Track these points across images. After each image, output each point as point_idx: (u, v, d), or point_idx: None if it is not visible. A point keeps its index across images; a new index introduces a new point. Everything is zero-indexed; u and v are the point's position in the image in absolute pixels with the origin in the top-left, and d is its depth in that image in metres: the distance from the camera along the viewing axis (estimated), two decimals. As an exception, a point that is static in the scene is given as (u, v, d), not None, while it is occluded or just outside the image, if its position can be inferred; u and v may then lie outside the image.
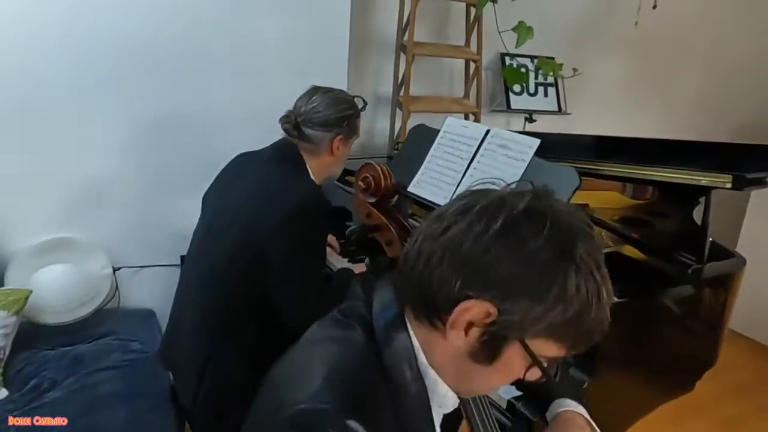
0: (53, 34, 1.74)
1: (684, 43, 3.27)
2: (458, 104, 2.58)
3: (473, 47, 2.52)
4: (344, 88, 2.18)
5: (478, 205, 0.58)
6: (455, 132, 1.69)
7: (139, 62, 1.85)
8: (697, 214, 1.35)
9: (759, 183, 1.20)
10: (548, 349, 0.60)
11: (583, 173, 1.34)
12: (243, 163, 1.61)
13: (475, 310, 0.57)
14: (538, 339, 0.59)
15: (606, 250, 1.23)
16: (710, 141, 1.69)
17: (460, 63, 2.62)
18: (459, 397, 0.70)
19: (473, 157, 1.61)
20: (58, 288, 1.85)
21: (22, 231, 1.84)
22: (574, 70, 2.51)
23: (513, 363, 0.61)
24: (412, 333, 0.64)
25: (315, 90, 1.52)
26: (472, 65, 2.55)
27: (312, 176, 1.51)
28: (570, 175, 1.34)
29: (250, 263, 1.36)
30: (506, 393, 1.11)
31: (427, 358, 0.64)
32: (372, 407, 0.59)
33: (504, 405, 1.09)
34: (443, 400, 0.67)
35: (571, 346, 0.61)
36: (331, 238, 1.86)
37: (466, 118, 2.63)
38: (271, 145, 1.57)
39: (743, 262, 1.38)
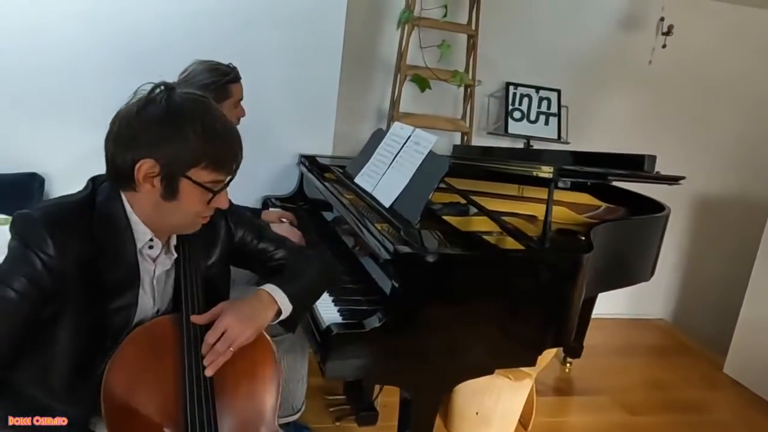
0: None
1: (704, 82, 3.30)
2: (451, 123, 2.89)
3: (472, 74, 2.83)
4: (334, 102, 2.60)
5: (123, 109, 0.95)
6: (394, 133, 2.03)
7: (144, 69, 2.00)
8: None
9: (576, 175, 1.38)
10: (206, 175, 0.94)
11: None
12: None
13: (144, 167, 0.92)
14: (195, 169, 0.92)
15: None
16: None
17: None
18: (178, 278, 1.02)
19: (398, 152, 1.93)
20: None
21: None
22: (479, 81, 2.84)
23: (192, 194, 0.94)
24: (123, 195, 0.98)
25: (194, 62, 1.83)
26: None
27: None
28: (443, 162, 1.64)
29: None
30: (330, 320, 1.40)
31: (133, 210, 0.98)
32: (71, 233, 0.92)
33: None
34: (143, 236, 1.00)
35: (220, 165, 0.94)
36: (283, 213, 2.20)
37: (462, 138, 2.93)
38: None
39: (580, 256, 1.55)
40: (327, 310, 1.46)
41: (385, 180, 1.90)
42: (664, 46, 3.04)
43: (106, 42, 2.25)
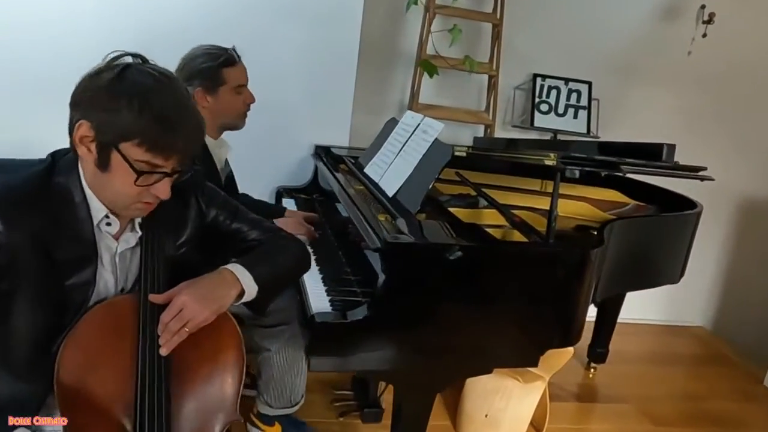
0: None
1: (748, 74, 3.11)
2: (473, 116, 2.81)
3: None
4: (351, 93, 2.56)
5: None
6: (405, 122, 1.98)
7: (160, 61, 2.28)
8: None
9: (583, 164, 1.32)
10: (139, 153, 0.90)
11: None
12: None
13: (81, 129, 0.91)
14: (128, 144, 0.90)
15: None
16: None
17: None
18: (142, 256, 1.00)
19: (406, 141, 1.89)
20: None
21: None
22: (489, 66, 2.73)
23: (121, 170, 0.92)
24: (80, 168, 0.97)
25: (192, 48, 1.78)
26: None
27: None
28: (446, 150, 1.59)
29: None
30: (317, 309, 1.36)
31: (86, 180, 0.97)
32: (22, 208, 0.91)
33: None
34: (98, 213, 0.98)
35: (156, 148, 0.90)
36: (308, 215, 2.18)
37: (485, 131, 2.85)
38: None
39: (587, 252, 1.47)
40: (318, 299, 1.43)
41: (392, 169, 1.86)
42: (704, 36, 2.87)
43: (121, 33, 2.27)
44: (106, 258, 1.02)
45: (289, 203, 2.39)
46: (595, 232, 1.61)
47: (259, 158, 2.52)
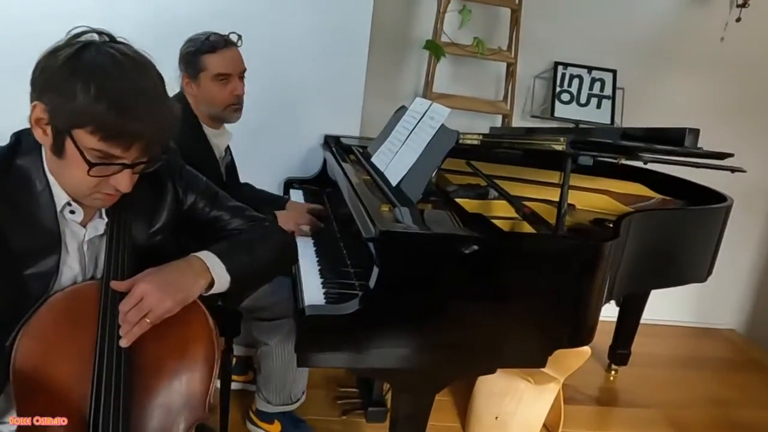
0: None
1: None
2: (490, 105, 2.71)
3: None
4: (362, 81, 2.49)
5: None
6: (413, 109, 1.91)
7: (172, 49, 1.93)
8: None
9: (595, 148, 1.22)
10: (93, 142, 0.83)
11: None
12: None
13: (35, 111, 0.85)
14: (81, 131, 0.83)
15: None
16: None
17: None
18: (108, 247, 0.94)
19: (413, 128, 1.81)
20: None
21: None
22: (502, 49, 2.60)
23: (74, 158, 0.85)
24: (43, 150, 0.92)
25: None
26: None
27: (199, 117, 1.72)
28: (451, 136, 1.50)
29: None
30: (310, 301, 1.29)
31: (47, 164, 0.92)
32: None
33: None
34: (60, 199, 0.93)
35: (111, 138, 0.83)
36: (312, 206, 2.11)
37: (502, 121, 2.75)
38: None
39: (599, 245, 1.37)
40: (312, 292, 1.37)
41: (397, 158, 1.78)
42: (738, 20, 2.72)
43: (131, 20, 2.24)
44: (73, 246, 0.97)
45: (296, 195, 2.34)
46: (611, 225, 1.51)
47: (267, 148, 2.48)
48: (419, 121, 1.80)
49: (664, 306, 3.03)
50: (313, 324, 1.19)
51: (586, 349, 2.02)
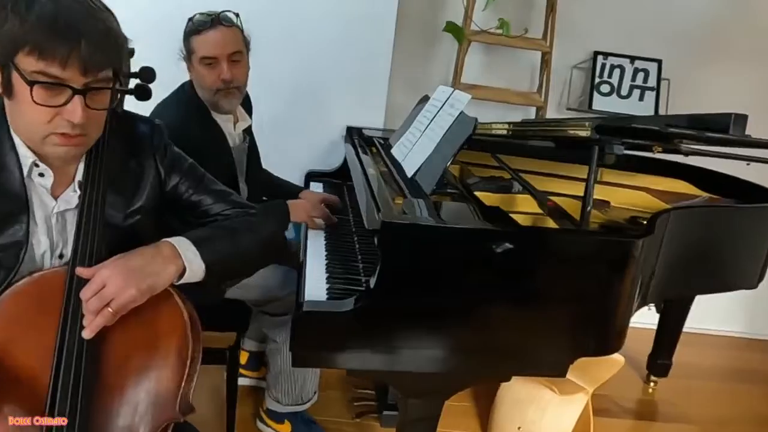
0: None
1: None
2: (522, 97, 2.58)
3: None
4: (387, 71, 2.40)
5: None
6: (435, 98, 1.81)
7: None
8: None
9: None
10: (32, 63, 0.79)
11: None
12: None
13: None
14: (21, 56, 0.79)
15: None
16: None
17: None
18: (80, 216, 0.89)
19: (433, 117, 1.71)
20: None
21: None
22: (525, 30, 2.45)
23: (22, 89, 0.81)
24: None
25: None
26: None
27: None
28: (470, 121, 1.41)
29: None
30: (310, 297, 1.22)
31: (10, 121, 0.87)
32: None
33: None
34: (26, 159, 0.88)
35: (44, 52, 0.79)
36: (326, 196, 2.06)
37: (536, 114, 2.61)
38: None
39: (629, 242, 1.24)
40: (315, 286, 1.30)
41: (416, 148, 1.69)
42: (799, 4, 2.50)
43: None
44: (40, 216, 0.91)
45: (316, 188, 2.27)
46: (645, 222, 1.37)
47: (288, 140, 2.42)
48: (440, 110, 1.71)
49: (711, 314, 2.83)
50: (308, 321, 1.11)
51: (619, 358, 1.89)
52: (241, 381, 2.04)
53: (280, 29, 2.25)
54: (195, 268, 0.91)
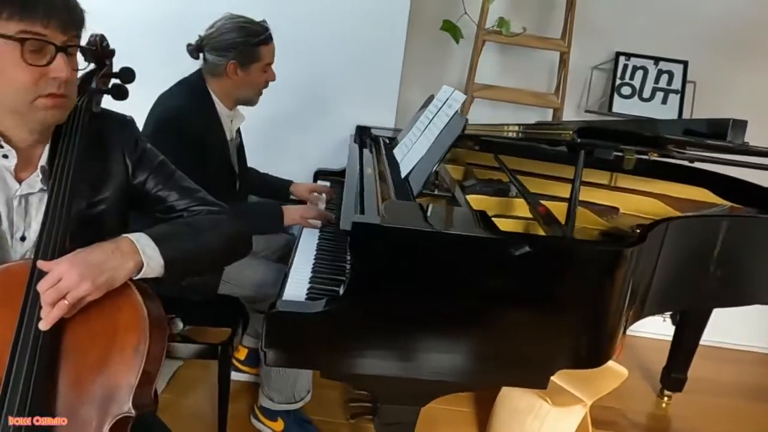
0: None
1: None
2: (538, 98, 2.52)
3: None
4: (399, 70, 2.38)
5: None
6: (438, 98, 1.80)
7: (196, 29, 1.94)
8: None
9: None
10: (13, 26, 0.83)
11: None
12: None
13: None
14: (1, 23, 0.82)
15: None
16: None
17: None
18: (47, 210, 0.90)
19: (433, 117, 1.69)
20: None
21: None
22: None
23: (6, 55, 0.84)
24: None
25: (223, 17, 1.72)
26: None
27: (216, 98, 1.74)
28: (460, 121, 1.40)
29: None
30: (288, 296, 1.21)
31: None
32: None
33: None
34: None
35: (24, 11, 0.82)
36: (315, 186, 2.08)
37: (553, 116, 2.55)
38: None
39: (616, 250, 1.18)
40: (295, 286, 1.29)
41: (414, 148, 1.67)
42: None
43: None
44: (1, 198, 0.93)
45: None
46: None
47: (298, 138, 2.43)
48: (439, 110, 1.69)
49: (732, 327, 2.71)
50: (279, 320, 1.10)
51: (622, 370, 1.83)
52: (240, 377, 2.08)
53: (291, 27, 2.25)
54: (154, 265, 0.91)
